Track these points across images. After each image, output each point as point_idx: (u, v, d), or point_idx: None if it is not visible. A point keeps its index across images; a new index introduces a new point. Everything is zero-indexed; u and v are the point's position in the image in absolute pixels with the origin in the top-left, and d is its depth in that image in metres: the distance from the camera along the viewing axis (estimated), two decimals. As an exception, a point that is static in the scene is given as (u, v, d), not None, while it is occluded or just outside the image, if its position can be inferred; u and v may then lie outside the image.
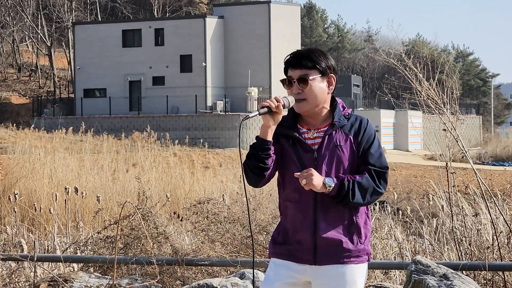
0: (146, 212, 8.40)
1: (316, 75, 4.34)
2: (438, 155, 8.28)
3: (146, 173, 17.97)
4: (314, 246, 4.30)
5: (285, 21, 55.94)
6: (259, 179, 4.31)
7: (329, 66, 4.38)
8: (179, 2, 71.28)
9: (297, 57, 4.37)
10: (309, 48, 4.43)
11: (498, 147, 53.89)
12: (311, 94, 4.34)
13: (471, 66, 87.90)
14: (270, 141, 4.26)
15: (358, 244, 4.34)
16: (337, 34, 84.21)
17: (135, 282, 7.51)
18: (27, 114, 58.32)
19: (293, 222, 4.36)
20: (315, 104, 4.36)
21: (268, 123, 4.25)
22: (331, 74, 4.39)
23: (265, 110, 4.26)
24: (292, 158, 4.35)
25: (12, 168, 17.24)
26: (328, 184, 4.23)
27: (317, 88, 4.35)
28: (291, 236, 4.37)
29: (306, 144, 4.35)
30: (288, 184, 4.39)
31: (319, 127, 4.39)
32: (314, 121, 4.40)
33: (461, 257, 7.78)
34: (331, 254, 4.30)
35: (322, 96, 4.37)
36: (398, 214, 11.96)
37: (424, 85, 7.79)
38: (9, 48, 68.35)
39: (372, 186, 4.29)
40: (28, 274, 8.51)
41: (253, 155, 4.26)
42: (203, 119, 51.39)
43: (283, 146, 4.36)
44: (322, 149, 4.33)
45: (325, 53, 4.41)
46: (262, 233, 8.27)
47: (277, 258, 4.41)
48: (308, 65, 4.34)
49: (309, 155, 4.34)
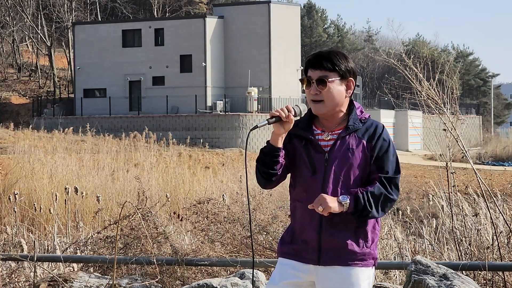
0: (146, 212, 8.40)
1: (335, 77, 4.34)
2: (438, 155, 8.27)
3: (146, 173, 17.97)
4: (319, 246, 4.32)
5: (285, 21, 55.92)
6: (267, 183, 4.35)
7: (349, 70, 4.38)
8: (179, 2, 71.26)
9: (318, 58, 4.35)
10: (331, 50, 4.43)
11: (498, 147, 53.87)
12: (329, 96, 4.34)
13: (471, 66, 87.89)
14: (280, 148, 4.28)
15: (364, 247, 4.34)
16: (337, 34, 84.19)
17: (135, 282, 7.51)
18: (27, 114, 58.32)
19: (301, 222, 4.38)
20: (332, 107, 4.36)
21: (279, 131, 4.27)
22: (350, 78, 4.39)
23: (274, 120, 4.27)
24: (303, 159, 4.37)
25: (12, 168, 17.24)
26: (343, 201, 4.22)
27: (335, 91, 4.35)
28: (298, 236, 4.39)
29: (318, 145, 4.36)
30: (298, 184, 4.40)
31: (334, 130, 4.39)
32: (329, 123, 4.40)
33: (461, 257, 7.78)
34: (335, 255, 4.30)
35: (340, 99, 4.37)
36: (398, 214, 11.96)
37: (424, 85, 7.79)
38: (9, 48, 68.35)
39: (384, 193, 4.27)
40: (28, 274, 8.51)
41: (262, 160, 4.29)
42: (203, 119, 51.39)
43: (295, 146, 4.38)
44: (334, 151, 4.33)
45: (346, 56, 4.41)
46: (262, 233, 8.27)
47: (283, 257, 4.43)
48: (328, 67, 4.33)
49: (320, 156, 4.34)
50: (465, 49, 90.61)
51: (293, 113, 4.28)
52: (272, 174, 4.29)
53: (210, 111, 52.95)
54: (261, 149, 4.33)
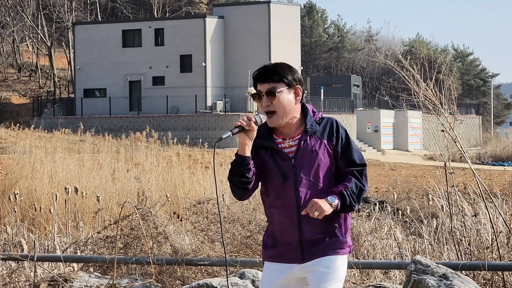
0: (146, 212, 8.41)
1: (283, 87, 4.57)
2: (438, 155, 8.28)
3: (146, 173, 17.97)
4: (301, 245, 4.58)
5: (285, 21, 55.94)
6: (244, 192, 4.58)
7: (295, 79, 4.61)
8: (179, 2, 71.28)
9: (264, 72, 4.60)
10: (276, 63, 4.66)
11: (498, 147, 53.83)
12: (280, 106, 4.56)
13: (471, 66, 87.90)
14: (249, 157, 4.51)
15: (341, 237, 4.63)
16: (337, 34, 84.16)
17: (135, 281, 7.52)
18: (27, 114, 58.32)
19: (280, 226, 4.63)
20: (284, 115, 4.58)
21: (244, 141, 4.50)
22: (297, 86, 4.62)
23: (237, 130, 4.48)
24: (272, 168, 4.60)
25: (12, 168, 17.24)
26: (333, 202, 4.50)
27: (285, 100, 4.57)
28: (280, 239, 4.64)
29: (283, 153, 4.60)
30: (270, 192, 4.65)
31: (293, 136, 4.63)
32: (288, 131, 4.63)
33: (460, 257, 7.79)
34: (316, 250, 4.58)
35: (290, 106, 4.60)
36: (397, 214, 11.96)
37: (421, 86, 7.79)
38: (9, 48, 68.35)
39: (359, 186, 4.59)
40: (28, 273, 8.51)
41: (235, 171, 4.52)
42: (203, 119, 51.40)
43: (262, 157, 4.61)
44: (299, 156, 4.57)
45: (290, 66, 4.65)
46: (261, 233, 8.28)
47: (269, 261, 4.70)
48: (275, 79, 4.57)
49: (287, 163, 4.58)
50: (465, 49, 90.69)
51: (254, 121, 4.49)
52: (247, 182, 4.53)
53: (210, 111, 52.96)
54: (231, 162, 4.55)
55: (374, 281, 7.72)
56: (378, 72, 78.55)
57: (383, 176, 32.23)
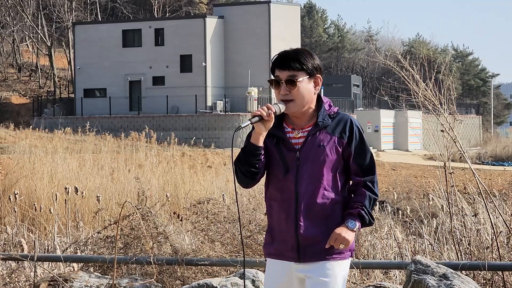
0: (146, 212, 8.41)
1: (304, 76, 4.38)
2: (437, 155, 8.28)
3: (146, 173, 17.97)
4: (297, 244, 4.40)
5: (285, 21, 55.93)
6: (250, 182, 4.41)
7: (316, 67, 4.42)
8: (179, 2, 71.27)
9: (285, 58, 4.39)
10: (297, 49, 4.45)
11: (498, 147, 53.85)
12: (299, 95, 4.38)
13: (471, 66, 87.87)
14: (262, 147, 4.34)
15: None
16: (337, 34, 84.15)
17: (135, 281, 7.52)
18: (27, 114, 58.32)
19: (278, 221, 4.46)
20: (302, 105, 4.40)
21: (260, 131, 4.31)
22: (317, 75, 4.44)
23: (256, 119, 4.31)
24: (275, 158, 4.42)
25: (12, 168, 17.24)
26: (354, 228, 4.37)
27: (305, 89, 4.39)
28: (277, 235, 4.47)
29: (289, 143, 4.41)
30: (271, 184, 4.48)
31: (304, 127, 4.44)
32: (299, 121, 4.45)
33: (460, 257, 7.79)
34: (313, 251, 4.39)
35: (309, 96, 4.42)
36: (398, 214, 11.96)
37: (421, 86, 7.79)
38: (9, 48, 68.34)
39: (373, 198, 4.45)
40: (28, 273, 8.51)
41: (245, 160, 4.34)
42: (203, 119, 51.40)
43: (266, 145, 4.41)
44: (305, 149, 4.39)
45: (311, 54, 4.45)
46: (262, 233, 8.28)
47: (269, 258, 4.54)
48: (296, 67, 4.37)
49: (291, 154, 4.40)
50: (464, 49, 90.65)
51: (274, 111, 4.32)
52: (255, 173, 4.36)
53: (210, 111, 52.96)
54: (242, 149, 4.38)
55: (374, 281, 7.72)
56: (378, 72, 78.53)
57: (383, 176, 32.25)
